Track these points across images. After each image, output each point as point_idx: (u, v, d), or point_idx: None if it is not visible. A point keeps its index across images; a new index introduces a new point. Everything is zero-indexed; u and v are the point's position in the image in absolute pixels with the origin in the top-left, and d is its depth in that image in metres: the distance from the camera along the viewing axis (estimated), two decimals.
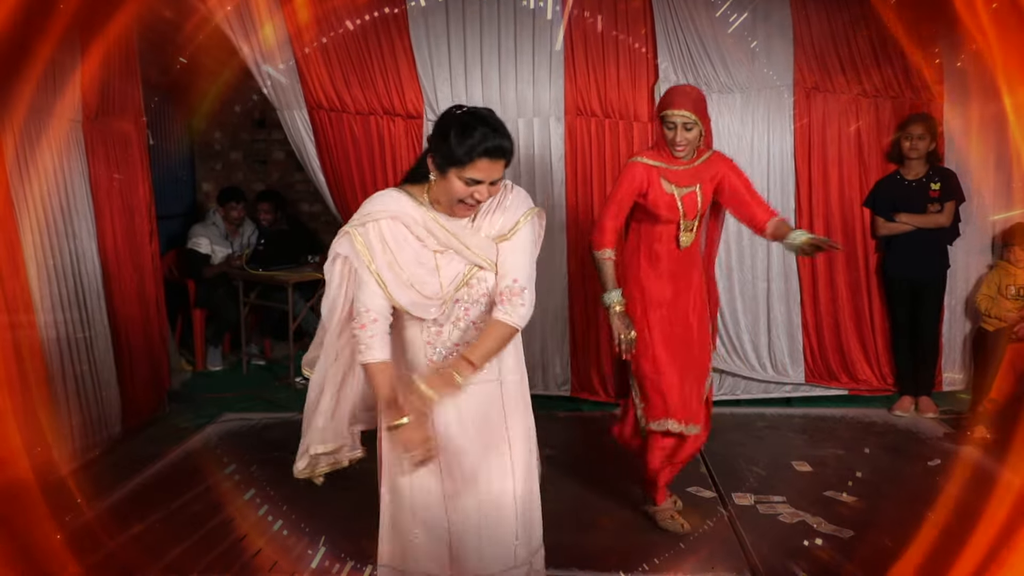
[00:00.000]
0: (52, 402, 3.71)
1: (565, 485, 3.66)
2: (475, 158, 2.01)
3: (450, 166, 2.04)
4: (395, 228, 2.11)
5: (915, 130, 4.46)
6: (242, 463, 3.98)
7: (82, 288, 4.08)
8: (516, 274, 2.12)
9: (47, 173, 3.81)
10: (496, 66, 4.61)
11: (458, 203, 2.08)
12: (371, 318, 2.09)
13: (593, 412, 4.74)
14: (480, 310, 2.17)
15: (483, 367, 2.09)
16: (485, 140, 2.01)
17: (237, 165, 7.00)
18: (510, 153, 2.07)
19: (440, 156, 2.06)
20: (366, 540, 3.17)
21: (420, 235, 2.12)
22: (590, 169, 4.68)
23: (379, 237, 2.10)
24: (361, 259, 2.09)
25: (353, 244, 2.10)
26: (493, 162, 2.03)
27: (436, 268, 2.12)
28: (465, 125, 2.03)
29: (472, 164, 2.02)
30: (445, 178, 2.06)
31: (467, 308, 2.17)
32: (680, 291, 3.14)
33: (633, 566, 2.97)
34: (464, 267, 2.13)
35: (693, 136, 2.99)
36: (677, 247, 3.11)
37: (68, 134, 3.99)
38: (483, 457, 2.18)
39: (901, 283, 4.62)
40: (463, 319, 2.17)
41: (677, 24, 4.52)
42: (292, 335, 5.54)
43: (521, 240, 2.15)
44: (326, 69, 4.62)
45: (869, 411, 4.67)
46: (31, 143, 3.67)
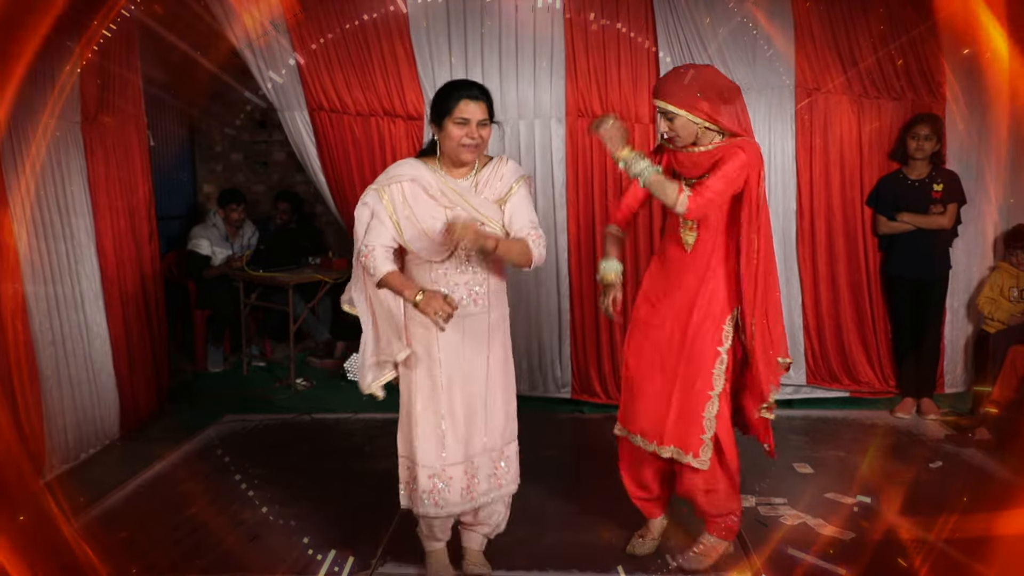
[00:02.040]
0: (45, 402, 3.71)
1: (565, 486, 3.65)
2: (458, 102, 2.58)
3: (443, 117, 2.60)
4: (414, 188, 2.64)
5: (922, 130, 4.45)
6: (242, 464, 3.98)
7: (79, 289, 4.08)
8: (526, 221, 2.70)
9: (44, 174, 3.81)
10: (497, 67, 4.61)
11: (460, 147, 2.61)
12: (371, 249, 2.63)
13: (594, 414, 4.74)
14: (478, 258, 2.67)
15: (499, 251, 2.59)
16: (462, 88, 2.62)
17: (238, 166, 7.00)
18: (486, 95, 2.63)
19: (435, 114, 2.64)
20: (366, 540, 3.18)
21: (434, 194, 2.64)
22: (591, 171, 4.68)
23: (401, 195, 2.64)
24: (385, 211, 2.63)
25: (380, 198, 2.64)
26: (474, 103, 2.59)
27: (445, 221, 2.58)
28: (447, 84, 2.68)
29: (457, 107, 2.58)
30: (444, 131, 2.61)
31: (468, 255, 2.66)
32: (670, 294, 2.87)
33: (633, 567, 2.96)
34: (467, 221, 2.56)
35: (678, 126, 2.70)
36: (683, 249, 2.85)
37: (66, 135, 3.99)
38: (472, 361, 2.74)
39: (902, 283, 4.61)
40: (470, 266, 2.68)
41: (678, 24, 4.51)
42: (292, 336, 5.54)
43: (521, 198, 2.72)
44: (327, 70, 4.63)
45: (871, 413, 4.66)
46: (27, 143, 3.67)
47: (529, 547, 3.14)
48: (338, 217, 5.21)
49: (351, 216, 4.90)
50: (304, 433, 4.54)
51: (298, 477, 3.86)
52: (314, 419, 4.76)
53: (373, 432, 4.50)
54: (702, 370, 2.79)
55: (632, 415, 2.94)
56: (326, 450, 4.23)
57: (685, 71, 2.73)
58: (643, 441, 2.91)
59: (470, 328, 2.71)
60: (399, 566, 3.02)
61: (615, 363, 4.80)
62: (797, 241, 4.71)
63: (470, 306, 2.69)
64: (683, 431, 2.81)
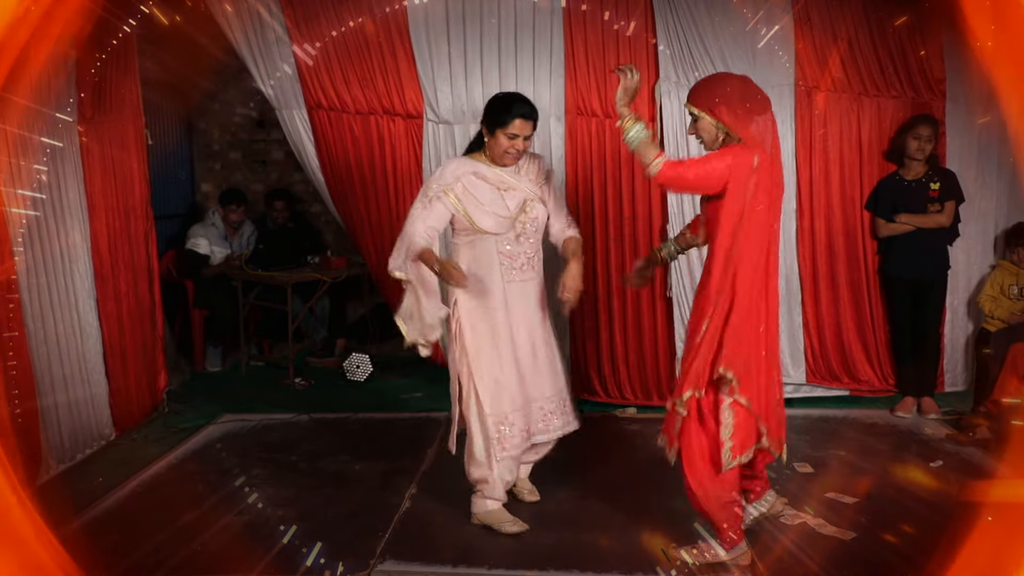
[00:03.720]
0: (40, 402, 3.69)
1: (566, 486, 3.64)
2: (514, 119, 3.08)
3: (496, 127, 3.12)
4: (474, 180, 3.19)
5: (924, 131, 4.44)
6: (241, 464, 3.97)
7: (73, 288, 4.07)
8: (563, 217, 3.38)
9: (39, 172, 3.79)
10: (496, 66, 4.60)
11: (504, 154, 3.14)
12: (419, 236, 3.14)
13: (593, 413, 4.73)
14: (536, 232, 3.28)
15: (579, 255, 3.26)
16: (519, 105, 3.11)
17: (236, 165, 6.98)
18: (536, 117, 3.15)
19: (489, 122, 3.15)
20: (365, 540, 3.17)
21: (492, 181, 3.20)
22: (591, 169, 4.67)
23: (463, 189, 3.17)
24: (457, 210, 3.17)
25: (447, 196, 3.16)
26: (525, 121, 3.10)
27: (504, 201, 3.20)
28: (506, 98, 3.18)
29: (512, 123, 3.09)
30: (494, 137, 3.14)
31: (525, 228, 3.23)
32: None
33: (633, 567, 2.95)
34: (520, 199, 3.23)
35: (700, 128, 2.85)
36: None
37: (62, 133, 3.97)
38: (531, 320, 3.32)
39: (901, 284, 4.60)
40: (524, 238, 3.24)
41: (678, 23, 4.50)
42: (291, 336, 5.53)
43: (554, 190, 3.37)
44: (325, 69, 4.61)
45: (871, 412, 4.65)
46: (22, 142, 3.65)
47: (529, 547, 3.13)
48: (336, 216, 5.19)
49: (350, 215, 4.95)
50: (303, 433, 4.53)
51: (297, 477, 3.86)
52: (313, 419, 4.75)
53: (372, 432, 4.49)
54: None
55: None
56: (325, 450, 4.22)
57: (717, 77, 2.91)
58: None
59: (530, 291, 3.28)
60: (398, 564, 3.01)
61: (615, 363, 4.79)
62: (797, 240, 4.69)
63: (528, 271, 3.27)
64: None
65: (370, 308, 6.25)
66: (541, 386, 3.31)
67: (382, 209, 4.83)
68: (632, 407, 4.80)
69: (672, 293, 4.68)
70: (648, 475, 3.76)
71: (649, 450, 4.17)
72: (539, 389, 3.30)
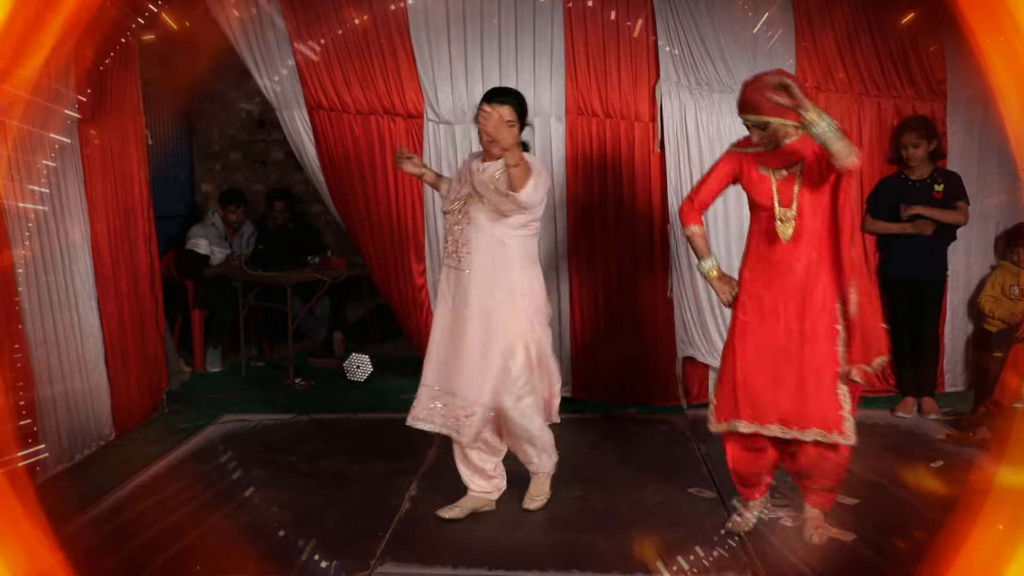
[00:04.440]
0: (39, 402, 3.69)
1: (565, 486, 3.64)
2: (481, 103, 3.10)
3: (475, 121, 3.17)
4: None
5: (909, 139, 4.43)
6: (241, 464, 3.96)
7: (73, 288, 4.06)
8: None
9: (38, 172, 3.78)
10: (497, 66, 4.59)
11: (487, 143, 3.13)
12: None
13: (594, 413, 4.72)
14: (471, 225, 3.25)
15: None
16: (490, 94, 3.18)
17: (236, 165, 6.99)
18: (503, 95, 3.17)
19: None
20: (365, 540, 3.17)
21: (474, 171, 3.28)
22: (591, 169, 4.66)
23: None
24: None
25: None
26: (492, 105, 3.05)
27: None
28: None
29: (480, 108, 3.08)
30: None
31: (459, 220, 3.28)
32: (776, 285, 3.02)
33: (633, 567, 2.95)
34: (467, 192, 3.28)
35: (773, 131, 2.95)
36: (780, 240, 2.99)
37: (62, 133, 3.96)
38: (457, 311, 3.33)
39: (899, 284, 4.60)
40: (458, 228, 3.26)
41: (679, 23, 4.50)
42: (291, 336, 5.52)
43: None
44: (326, 69, 4.61)
45: (871, 412, 4.63)
46: (21, 142, 3.64)
47: (529, 547, 3.12)
48: (336, 216, 5.19)
49: (350, 215, 4.95)
50: (303, 433, 4.52)
51: (297, 478, 3.85)
52: (313, 419, 4.74)
53: (372, 432, 4.49)
54: (828, 350, 2.96)
55: (762, 409, 3.02)
56: (325, 450, 4.21)
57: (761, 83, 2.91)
58: (781, 430, 3.00)
59: (465, 281, 3.24)
60: (398, 565, 3.00)
61: (615, 362, 4.79)
62: None
63: (465, 261, 3.23)
64: (822, 412, 2.95)
65: (370, 308, 6.25)
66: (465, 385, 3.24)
67: (382, 209, 4.83)
68: (632, 407, 4.80)
69: (672, 293, 4.68)
70: (649, 475, 3.76)
71: (649, 450, 4.17)
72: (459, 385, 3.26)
